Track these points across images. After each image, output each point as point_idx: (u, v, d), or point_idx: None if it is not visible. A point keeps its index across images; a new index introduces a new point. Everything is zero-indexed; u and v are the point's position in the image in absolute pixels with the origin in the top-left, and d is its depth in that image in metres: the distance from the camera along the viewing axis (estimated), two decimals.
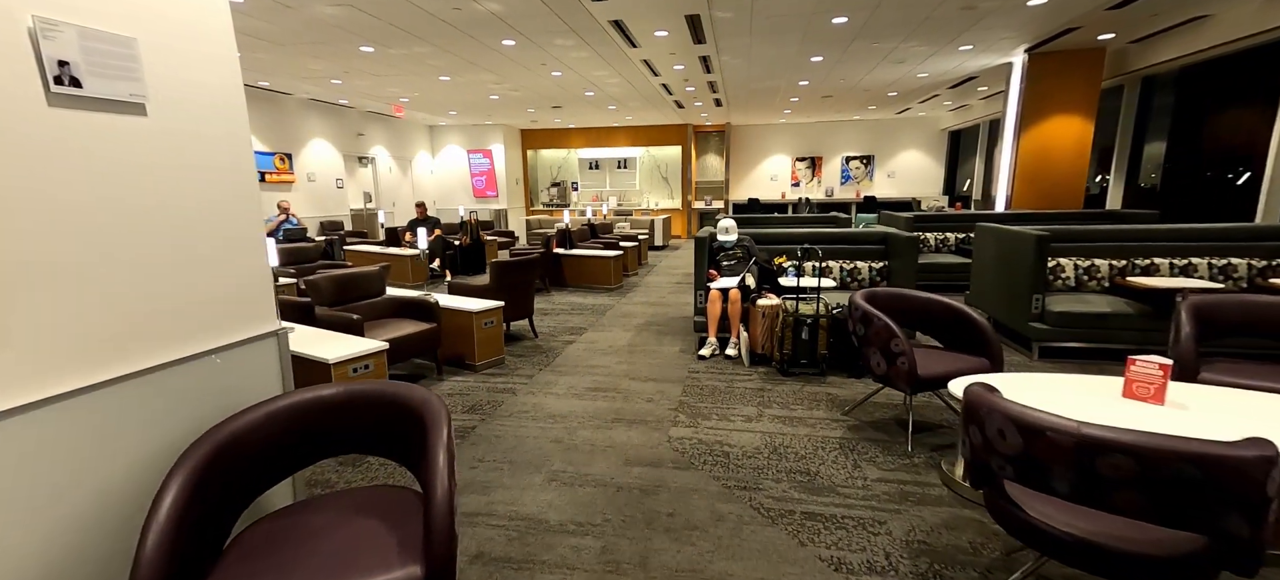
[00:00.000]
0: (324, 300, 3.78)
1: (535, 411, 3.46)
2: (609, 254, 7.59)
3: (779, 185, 14.93)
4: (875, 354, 2.94)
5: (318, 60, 7.25)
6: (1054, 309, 4.13)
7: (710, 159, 15.09)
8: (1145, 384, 2.20)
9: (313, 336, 3.23)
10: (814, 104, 11.42)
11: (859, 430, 3.10)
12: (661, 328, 5.49)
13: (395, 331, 3.71)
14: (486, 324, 4.22)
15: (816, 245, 4.75)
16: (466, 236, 8.92)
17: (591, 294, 7.33)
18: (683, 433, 3.12)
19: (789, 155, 14.77)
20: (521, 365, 4.37)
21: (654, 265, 9.98)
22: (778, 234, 5.12)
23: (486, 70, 7.91)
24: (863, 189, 14.38)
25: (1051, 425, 1.38)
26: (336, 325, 3.43)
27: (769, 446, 2.93)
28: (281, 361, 1.85)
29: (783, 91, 10.00)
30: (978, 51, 7.31)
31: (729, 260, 4.82)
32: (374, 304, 4.12)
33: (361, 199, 12.22)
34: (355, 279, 4.02)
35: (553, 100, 10.52)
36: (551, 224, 13.21)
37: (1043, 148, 7.48)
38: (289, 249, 6.17)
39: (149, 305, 1.50)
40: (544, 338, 5.19)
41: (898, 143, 14.10)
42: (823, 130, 14.39)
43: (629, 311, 6.26)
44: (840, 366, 4.07)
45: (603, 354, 4.64)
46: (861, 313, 2.99)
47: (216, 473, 1.52)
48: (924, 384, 2.77)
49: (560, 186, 15.55)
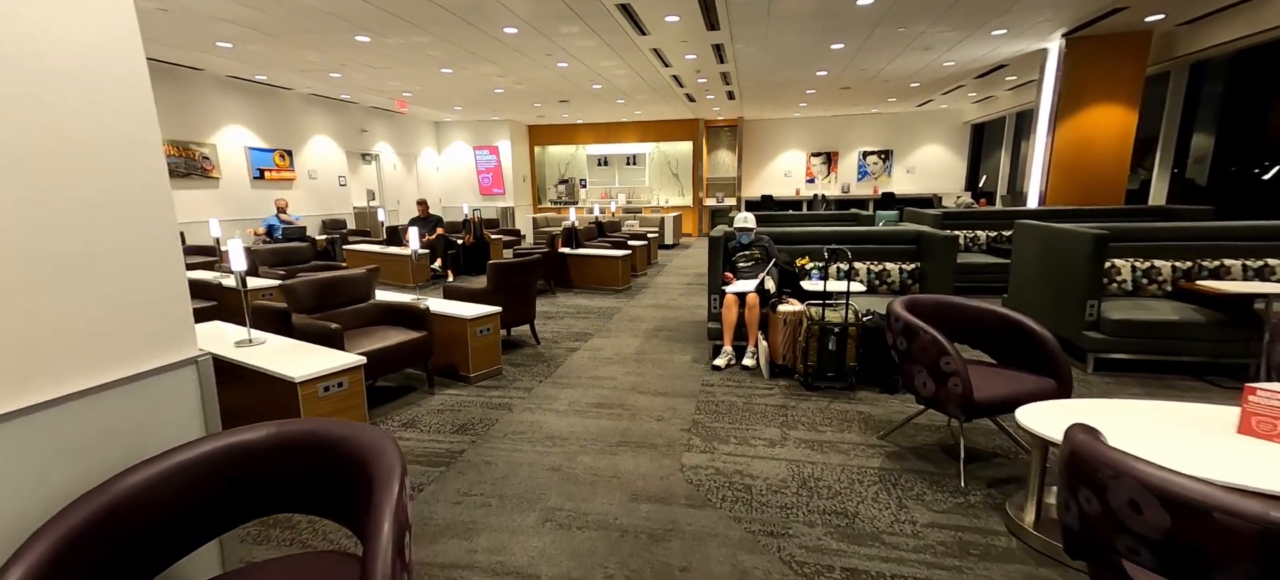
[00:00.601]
0: (302, 306, 3.45)
1: (532, 432, 3.10)
2: (617, 254, 7.22)
3: (793, 181, 14.47)
4: (920, 372, 2.54)
5: (312, 51, 6.95)
6: (1112, 316, 3.70)
7: (722, 155, 14.66)
8: (1270, 420, 1.79)
9: (284, 350, 2.89)
10: (831, 97, 10.96)
11: (900, 459, 2.70)
12: (672, 334, 5.11)
13: (380, 341, 3.37)
14: (482, 332, 3.88)
15: (842, 245, 4.35)
16: (470, 235, 8.60)
17: (598, 296, 6.96)
18: (697, 459, 2.74)
19: (804, 150, 14.29)
20: (520, 376, 4.02)
21: (664, 265, 9.60)
22: (796, 233, 4.72)
23: (489, 61, 7.57)
24: (880, 185, 13.87)
25: (1224, 505, 0.99)
26: (313, 335, 3.10)
27: (797, 478, 2.54)
28: (202, 396, 1.49)
29: (799, 83, 9.56)
30: (1011, 37, 6.83)
31: (746, 261, 4.43)
32: (360, 310, 3.79)
33: (365, 196, 11.96)
34: (339, 283, 3.69)
35: (559, 94, 10.16)
36: (559, 222, 12.87)
37: (1081, 139, 6.99)
38: (278, 249, 5.86)
39: (16, 331, 1.16)
40: (546, 344, 4.83)
41: (917, 137, 13.57)
42: (839, 124, 13.89)
43: (638, 315, 5.89)
44: (870, 379, 3.67)
45: (609, 363, 4.27)
46: (903, 324, 2.60)
47: (102, 542, 1.17)
48: (981, 410, 2.37)
49: (568, 183, 15.20)
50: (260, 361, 2.66)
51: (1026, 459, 2.62)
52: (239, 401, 2.88)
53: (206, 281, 5.18)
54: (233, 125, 8.69)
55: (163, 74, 7.57)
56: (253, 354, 2.79)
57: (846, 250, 3.91)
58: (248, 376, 2.68)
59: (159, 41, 6.43)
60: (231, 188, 8.69)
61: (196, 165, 8.11)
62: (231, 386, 2.84)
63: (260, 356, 2.75)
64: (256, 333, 3.20)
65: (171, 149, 7.74)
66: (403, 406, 3.48)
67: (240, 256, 2.89)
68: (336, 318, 3.57)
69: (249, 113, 8.94)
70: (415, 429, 3.16)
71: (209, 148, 8.29)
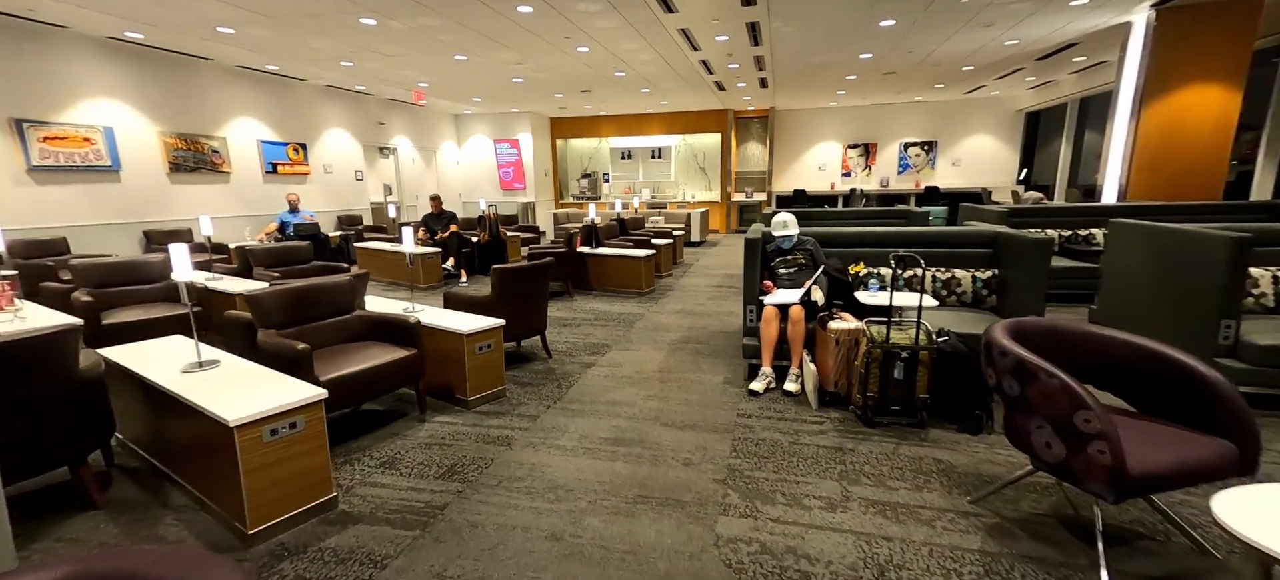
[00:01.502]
0: (270, 321, 2.97)
1: (533, 478, 2.55)
2: (639, 254, 6.65)
3: (828, 175, 13.64)
4: (1041, 429, 1.90)
5: (318, 37, 6.54)
6: (1256, 340, 2.96)
7: (752, 147, 13.93)
8: None
9: (236, 377, 2.40)
10: (873, 84, 10.14)
11: (1006, 537, 2.06)
12: (700, 346, 4.51)
13: (360, 362, 2.87)
14: (481, 349, 3.35)
15: (900, 248, 3.68)
16: (485, 233, 8.13)
17: (619, 299, 6.40)
18: (736, 527, 2.15)
19: (839, 142, 13.45)
20: (526, 399, 3.48)
21: (690, 265, 8.99)
22: (840, 233, 4.06)
23: (505, 46, 7.05)
24: (922, 178, 12.95)
25: None
26: (277, 357, 2.61)
27: (871, 563, 1.93)
28: None
29: (839, 67, 8.80)
30: (1092, 8, 5.98)
31: (788, 267, 3.80)
32: (344, 323, 3.30)
33: (382, 191, 11.64)
34: (315, 293, 3.20)
35: (581, 83, 9.61)
36: (581, 218, 12.36)
37: (1171, 124, 6.11)
38: (275, 249, 5.45)
39: None
40: (558, 358, 4.30)
41: (965, 126, 12.60)
42: (879, 114, 13.00)
43: (662, 323, 5.30)
44: (944, 413, 3.02)
45: (628, 384, 3.71)
46: (1014, 361, 1.95)
47: None
48: (1137, 487, 1.72)
49: (591, 178, 14.68)
50: (195, 395, 2.17)
51: (1194, 548, 1.95)
52: (179, 442, 2.40)
53: (193, 284, 4.79)
54: (244, 117, 8.39)
55: (169, 63, 7.28)
56: (194, 383, 2.31)
57: (918, 257, 3.24)
58: (186, 411, 2.20)
59: (159, 26, 6.10)
60: (243, 183, 8.40)
61: (206, 159, 7.82)
62: (171, 422, 2.36)
63: (200, 387, 2.26)
64: (216, 352, 2.73)
65: (179, 142, 7.46)
66: (386, 438, 2.98)
67: (185, 265, 2.40)
68: (312, 333, 3.09)
69: (261, 104, 8.64)
70: (395, 470, 2.64)
71: (219, 141, 8.00)
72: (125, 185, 6.90)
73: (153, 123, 7.17)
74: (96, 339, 3.78)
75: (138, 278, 4.29)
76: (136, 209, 7.02)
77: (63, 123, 6.23)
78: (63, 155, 6.22)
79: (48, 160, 6.09)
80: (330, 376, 2.67)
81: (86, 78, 6.45)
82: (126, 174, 6.89)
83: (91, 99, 6.50)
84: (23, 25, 5.86)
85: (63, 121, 6.23)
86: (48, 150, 6.09)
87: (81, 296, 3.79)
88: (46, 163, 6.08)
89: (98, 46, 6.53)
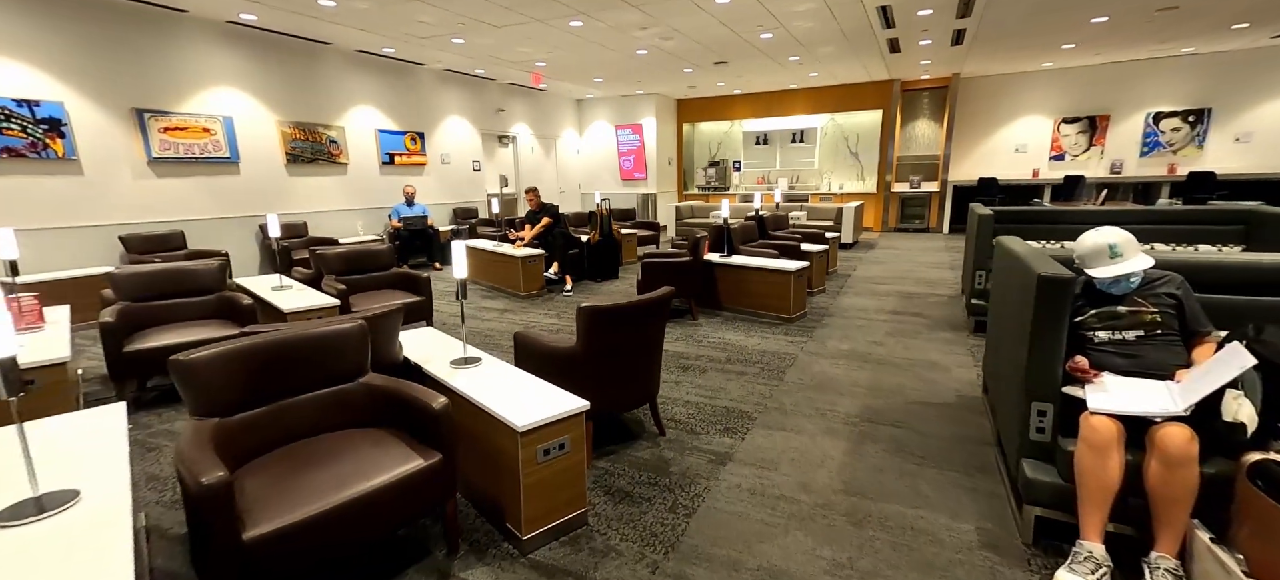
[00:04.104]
0: (215, 403, 1.87)
1: None
2: (789, 266, 4.97)
3: (1028, 159, 10.61)
4: None
5: (423, 8, 5.72)
6: None
7: (920, 126, 11.32)
8: None
9: None
10: (1132, 27, 7.22)
11: None
12: (903, 434, 2.79)
13: (333, 486, 1.66)
14: (548, 453, 2.01)
15: None
16: (597, 232, 6.96)
17: (759, 327, 4.80)
18: None
19: (1049, 116, 10.35)
20: (616, 539, 2.09)
21: (847, 275, 7.05)
22: (1179, 261, 2.10)
23: (629, 4, 5.73)
24: (1182, 160, 9.45)
25: None
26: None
27: None
28: None
29: (1083, 6, 6.22)
30: None
31: (1119, 328, 1.98)
32: (338, 398, 2.14)
33: (498, 182, 11.09)
34: (294, 351, 2.07)
35: (716, 52, 8.03)
36: (707, 211, 10.81)
37: None
38: (345, 254, 4.62)
39: None
40: (675, 435, 2.86)
41: (1258, 87, 8.90)
42: (1119, 75, 9.70)
43: (827, 376, 3.63)
44: None
45: (792, 521, 2.16)
46: None
47: None
48: None
49: (719, 166, 13.04)
50: None
51: None
52: None
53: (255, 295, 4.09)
54: (363, 105, 8.06)
55: (287, 49, 7.02)
56: None
57: None
58: None
59: (268, 5, 5.65)
60: (359, 174, 8.10)
61: (323, 149, 7.56)
62: None
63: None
64: None
65: (297, 132, 7.22)
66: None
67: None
68: (283, 417, 1.96)
69: (379, 92, 8.27)
70: None
71: (336, 130, 7.71)
72: (244, 177, 6.74)
73: (271, 112, 6.96)
74: (116, 370, 3.10)
75: (184, 289, 3.62)
76: (253, 202, 6.86)
77: (183, 112, 6.10)
78: (183, 146, 6.10)
79: (168, 151, 5.98)
80: (266, 528, 1.47)
81: (206, 66, 6.28)
82: (245, 165, 6.72)
83: (212, 87, 6.34)
84: (143, 11, 5.72)
85: (183, 111, 6.10)
86: (168, 141, 5.98)
87: (107, 318, 3.12)
88: (166, 154, 5.98)
89: (217, 32, 6.34)
